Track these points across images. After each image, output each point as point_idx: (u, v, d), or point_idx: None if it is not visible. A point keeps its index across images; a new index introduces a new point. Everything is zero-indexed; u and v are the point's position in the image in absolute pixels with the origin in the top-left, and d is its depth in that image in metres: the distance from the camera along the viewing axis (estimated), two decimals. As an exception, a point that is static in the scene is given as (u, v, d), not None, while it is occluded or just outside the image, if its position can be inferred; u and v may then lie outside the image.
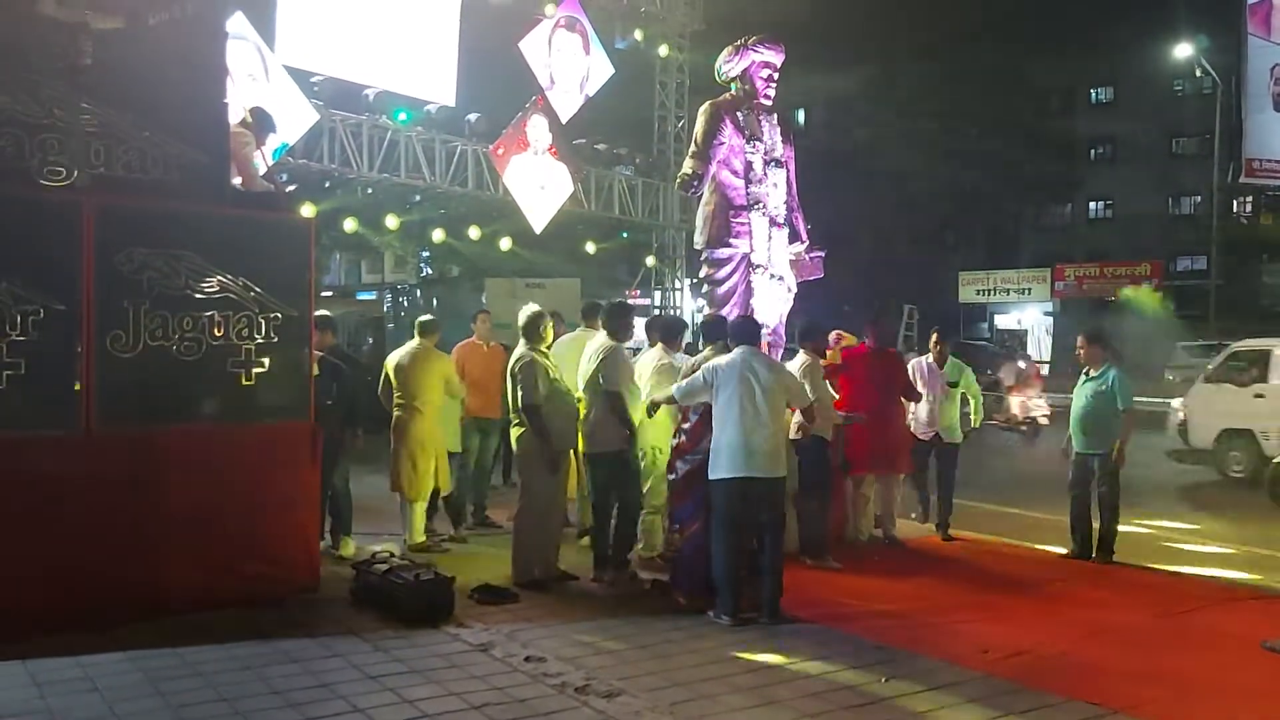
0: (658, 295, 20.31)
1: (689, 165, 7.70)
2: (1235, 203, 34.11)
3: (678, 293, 20.01)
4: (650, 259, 19.79)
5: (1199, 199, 35.71)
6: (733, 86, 7.94)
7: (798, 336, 7.53)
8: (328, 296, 28.02)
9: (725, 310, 7.63)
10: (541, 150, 15.55)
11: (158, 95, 5.66)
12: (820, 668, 4.90)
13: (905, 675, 4.80)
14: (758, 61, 7.85)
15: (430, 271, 29.22)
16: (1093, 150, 40.81)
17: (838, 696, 4.53)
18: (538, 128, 15.48)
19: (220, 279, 5.67)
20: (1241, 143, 23.87)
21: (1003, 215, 39.75)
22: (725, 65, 7.97)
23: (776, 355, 7.44)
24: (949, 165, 36.97)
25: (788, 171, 7.96)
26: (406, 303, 29.39)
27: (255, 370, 5.79)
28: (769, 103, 7.89)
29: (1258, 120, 23.51)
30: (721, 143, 7.61)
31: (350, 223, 15.63)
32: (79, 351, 5.29)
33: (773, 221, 7.76)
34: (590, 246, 19.21)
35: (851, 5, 32.22)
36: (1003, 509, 9.37)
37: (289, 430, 6.00)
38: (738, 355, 5.89)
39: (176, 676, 4.63)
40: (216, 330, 5.65)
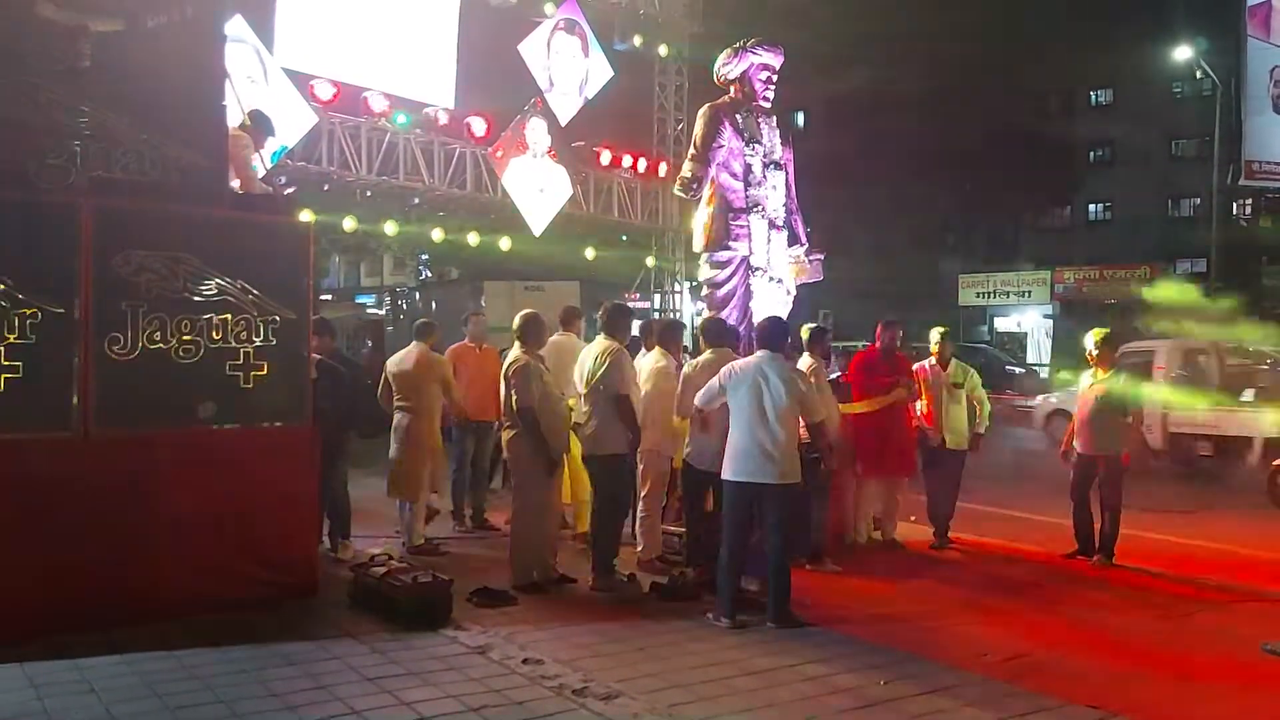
0: (657, 298, 20.30)
1: (688, 168, 7.71)
2: (1235, 205, 34.09)
3: (677, 295, 20.01)
4: (650, 259, 19.80)
5: (1198, 201, 35.68)
6: (731, 89, 7.95)
7: (804, 341, 7.52)
8: (326, 300, 28.11)
9: (724, 313, 7.63)
10: (541, 153, 15.57)
11: (156, 98, 5.67)
12: (819, 670, 4.90)
13: (904, 677, 4.80)
14: (756, 64, 7.86)
15: (429, 274, 29.26)
16: (1092, 153, 40.78)
17: (836, 699, 4.53)
18: (537, 130, 15.50)
19: (219, 282, 5.67)
20: (1241, 145, 23.86)
21: (1002, 218, 39.74)
22: (724, 68, 7.98)
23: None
24: (948, 168, 36.99)
25: (787, 174, 7.96)
26: (405, 306, 29.39)
27: (254, 373, 5.78)
28: (768, 105, 7.90)
29: (1257, 122, 23.50)
30: (720, 145, 7.62)
31: (349, 221, 15.62)
32: (77, 354, 5.29)
33: (772, 224, 7.76)
34: (589, 252, 19.23)
35: (850, 7, 32.25)
36: (1002, 511, 9.36)
37: (287, 433, 5.99)
38: (753, 359, 5.91)
39: (174, 679, 4.63)
40: (215, 333, 5.65)
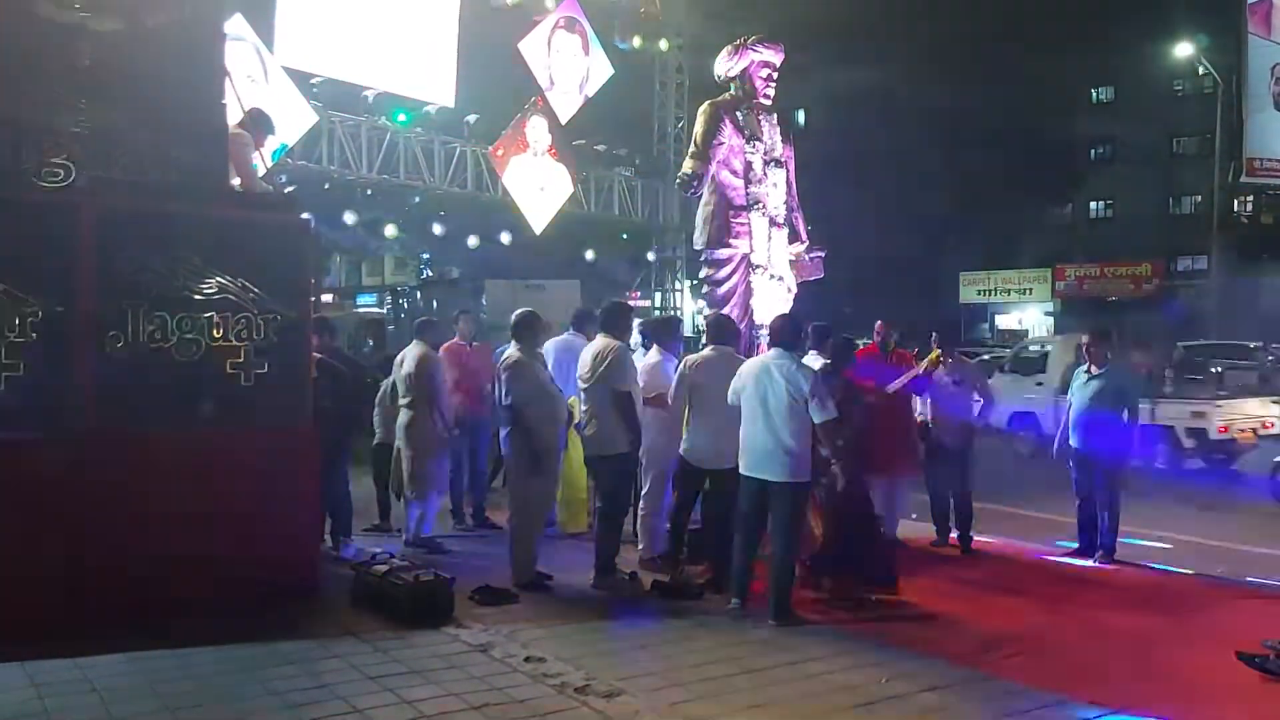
0: (658, 296, 20.31)
1: (689, 165, 7.71)
2: (1236, 202, 34.07)
3: (678, 293, 20.02)
4: (651, 254, 19.80)
5: (1199, 199, 35.67)
6: (732, 86, 7.94)
7: (810, 341, 7.52)
8: (327, 302, 28.11)
9: (725, 311, 7.63)
10: (541, 151, 15.57)
11: (156, 97, 5.67)
12: (820, 667, 4.89)
13: (905, 675, 4.79)
14: (757, 61, 7.85)
15: (430, 273, 29.26)
16: (1093, 150, 40.77)
17: (838, 696, 4.52)
18: (537, 129, 15.50)
19: (219, 280, 5.66)
20: (1242, 142, 23.85)
21: (1003, 215, 39.71)
22: (724, 65, 7.97)
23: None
24: (949, 165, 36.98)
25: (787, 171, 7.95)
26: (407, 305, 29.43)
27: (254, 372, 5.78)
28: (768, 102, 7.89)
29: (1258, 120, 23.49)
30: (721, 143, 7.61)
31: (350, 216, 15.63)
32: (77, 353, 5.29)
33: (772, 221, 7.75)
34: (590, 252, 19.25)
35: (852, 5, 32.23)
36: (1003, 509, 9.35)
37: (288, 432, 5.99)
38: (763, 356, 6.04)
39: (175, 678, 4.62)
40: (215, 331, 5.65)
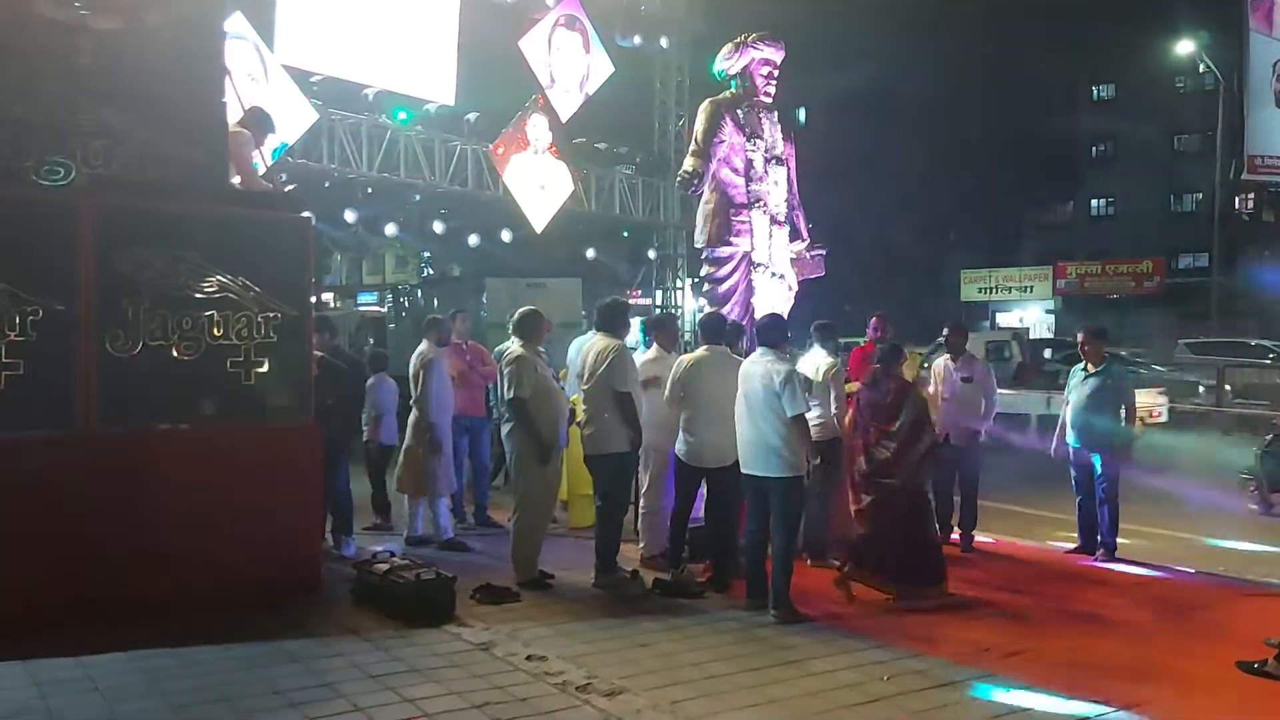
0: (659, 294, 20.30)
1: (689, 163, 7.71)
2: (1237, 200, 34.05)
3: (679, 292, 20.00)
4: (652, 252, 19.79)
5: (1201, 196, 35.69)
6: (733, 84, 7.94)
7: (814, 338, 7.50)
8: (328, 302, 28.11)
9: (726, 309, 7.63)
10: (541, 149, 15.55)
11: (156, 95, 5.67)
12: (821, 666, 4.89)
13: (906, 673, 4.79)
14: (757, 59, 7.85)
15: (431, 271, 29.26)
16: (1094, 148, 40.80)
17: (838, 695, 4.53)
18: (538, 127, 15.48)
19: (219, 278, 5.67)
20: (1243, 139, 23.80)
21: (1004, 213, 39.76)
22: (725, 63, 7.96)
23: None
24: (951, 163, 36.98)
25: (788, 169, 7.95)
26: (408, 303, 29.41)
27: (255, 370, 5.78)
28: (769, 100, 7.89)
29: (1260, 117, 23.43)
30: (722, 141, 7.61)
31: (350, 215, 15.62)
32: (78, 351, 5.29)
33: (773, 219, 7.76)
34: (590, 250, 19.23)
35: (853, 4, 32.21)
36: (1003, 506, 9.34)
37: (289, 430, 5.99)
38: (751, 355, 6.11)
39: (177, 676, 4.63)
40: (216, 330, 5.65)
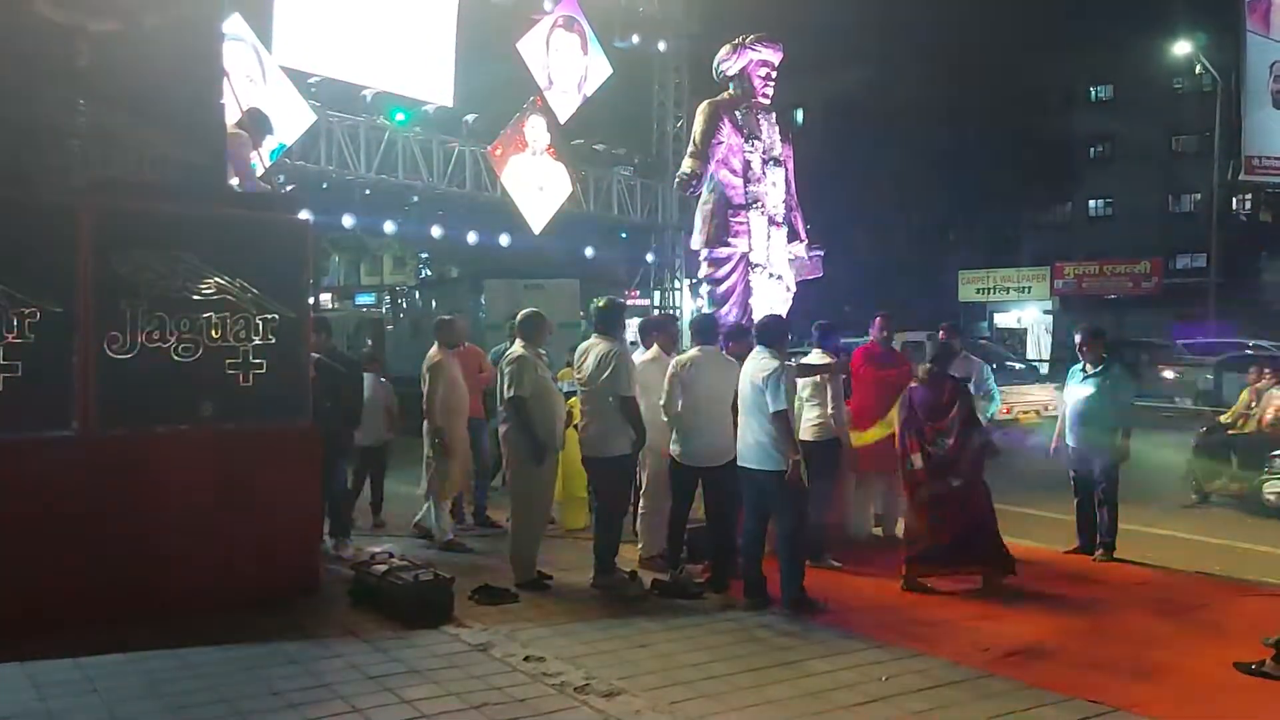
0: (657, 295, 20.29)
1: (687, 165, 7.70)
2: (1235, 200, 34.09)
3: (677, 293, 20.00)
4: (651, 256, 19.80)
5: (1199, 197, 35.69)
6: (731, 85, 7.94)
7: (815, 338, 7.50)
8: (330, 308, 28.07)
9: (724, 310, 7.63)
10: (540, 151, 15.56)
11: (155, 97, 5.67)
12: (820, 666, 4.89)
13: (905, 673, 4.80)
14: (755, 60, 7.85)
15: (429, 273, 29.28)
16: (1092, 148, 40.80)
17: (837, 695, 4.53)
18: (536, 128, 15.49)
19: (218, 280, 5.66)
20: (1241, 140, 23.84)
21: (1002, 214, 39.77)
22: (723, 64, 7.96)
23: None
24: (948, 164, 36.98)
25: (786, 170, 7.95)
26: (406, 304, 29.44)
27: (253, 371, 5.78)
28: (767, 101, 7.89)
29: (1257, 118, 23.47)
30: (720, 142, 7.61)
31: (347, 219, 15.63)
32: (76, 353, 5.29)
33: (771, 220, 7.75)
34: (589, 249, 19.23)
35: (851, 4, 32.24)
36: (1001, 507, 9.32)
37: (287, 431, 5.99)
38: (751, 354, 6.23)
39: (176, 678, 4.63)
40: (214, 331, 5.65)
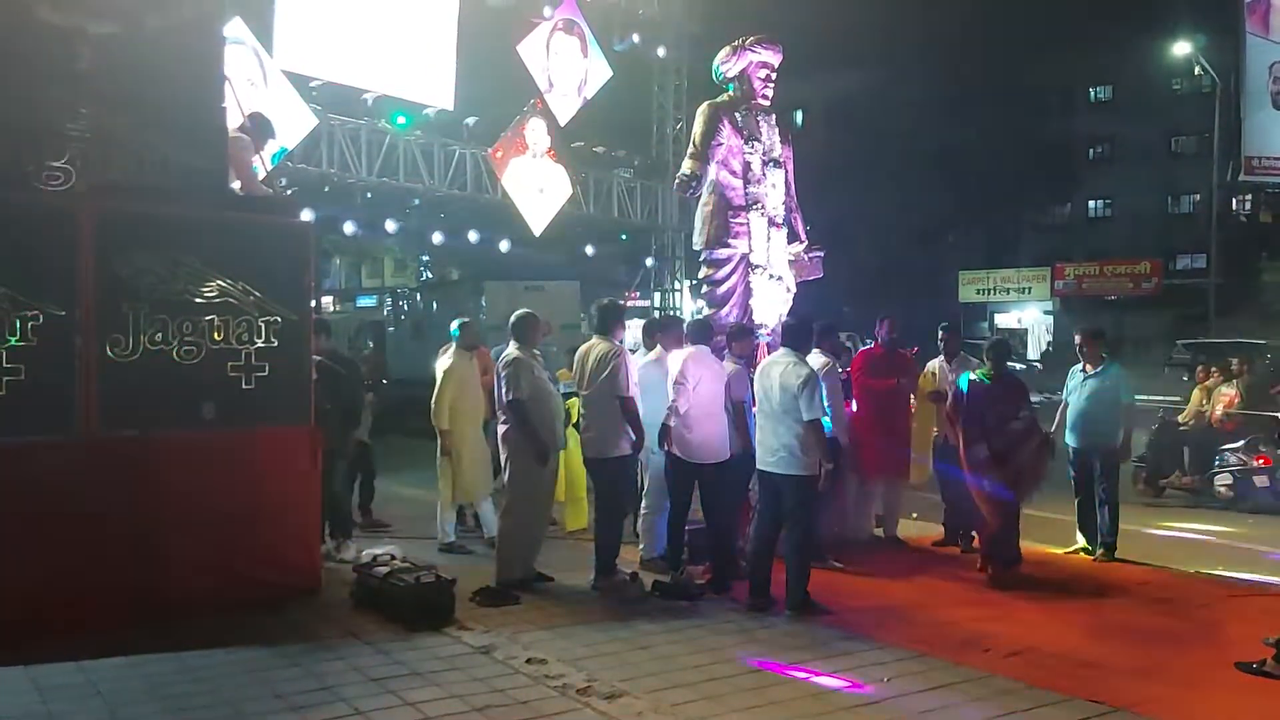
0: (657, 297, 20.30)
1: (687, 166, 7.71)
2: (1235, 201, 34.11)
3: (677, 294, 20.01)
4: (650, 260, 19.81)
5: (1198, 197, 35.71)
6: (730, 87, 7.95)
7: (815, 337, 7.51)
8: (331, 311, 28.06)
9: (725, 311, 7.64)
10: (540, 153, 15.57)
11: (156, 100, 5.67)
12: (822, 667, 4.90)
13: (907, 674, 4.80)
14: (755, 62, 7.85)
15: (430, 275, 29.28)
16: (1092, 149, 40.84)
17: (839, 696, 4.53)
18: (536, 131, 15.50)
19: (219, 283, 5.68)
20: (1240, 141, 23.85)
21: (1002, 215, 39.79)
22: (723, 66, 7.97)
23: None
24: (949, 165, 37.01)
25: (786, 172, 7.96)
26: (407, 307, 29.45)
27: (255, 374, 5.79)
28: (767, 103, 7.90)
29: (1256, 118, 23.48)
30: (720, 143, 7.61)
31: (348, 225, 15.66)
32: (78, 357, 5.29)
33: (771, 222, 7.76)
34: (589, 249, 19.24)
35: (850, 6, 32.25)
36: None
37: (289, 434, 6.00)
38: (771, 356, 6.36)
39: (179, 681, 4.63)
40: (216, 334, 5.66)
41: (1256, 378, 11.90)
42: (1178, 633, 5.70)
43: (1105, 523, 7.43)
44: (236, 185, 6.38)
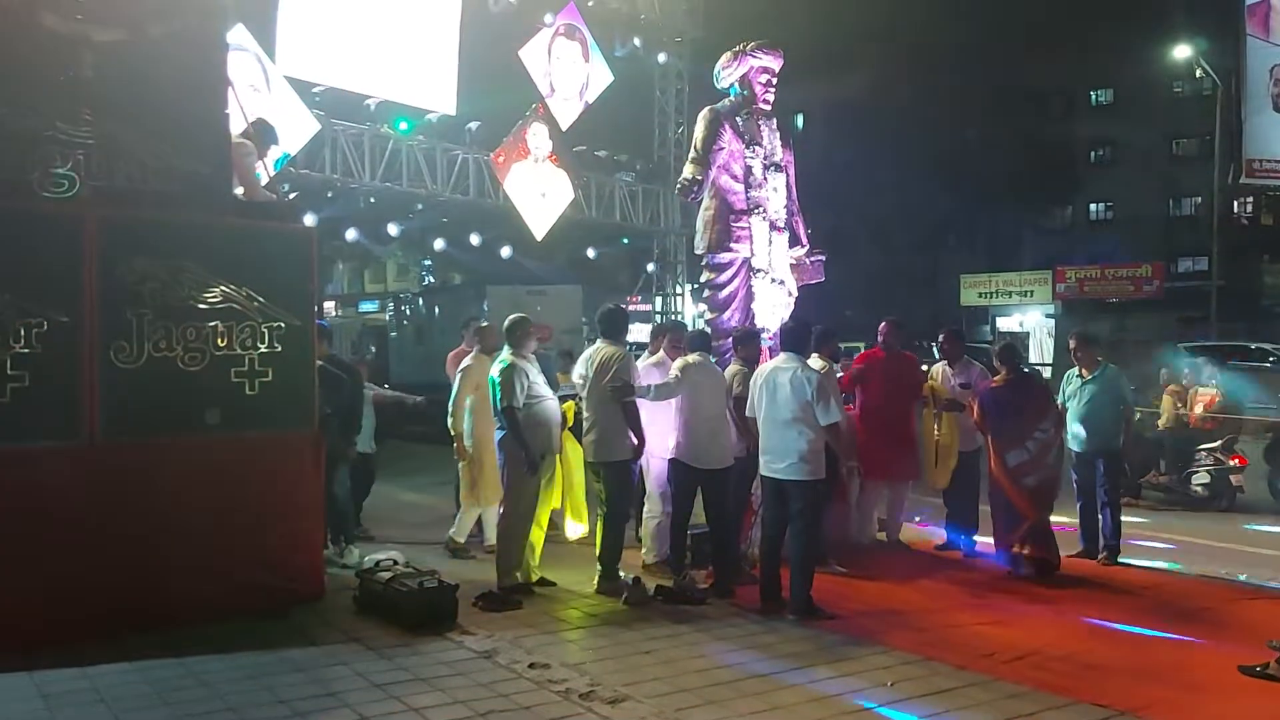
0: (659, 301, 20.32)
1: (689, 171, 7.72)
2: (1236, 203, 34.07)
3: (678, 298, 20.03)
4: (652, 265, 19.84)
5: (1199, 200, 35.70)
6: (732, 92, 7.96)
7: (813, 341, 7.53)
8: (333, 315, 28.05)
9: (726, 315, 7.65)
10: (542, 158, 15.61)
11: (160, 107, 5.69)
12: (825, 672, 4.90)
13: (910, 679, 4.80)
14: (756, 67, 7.87)
15: (432, 280, 29.29)
16: (1093, 152, 40.81)
17: (842, 701, 4.53)
18: (538, 135, 15.54)
19: (223, 289, 5.69)
20: (1241, 143, 23.84)
21: (1004, 218, 39.78)
22: (724, 71, 7.99)
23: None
24: (950, 168, 37.02)
25: (787, 176, 7.97)
26: (409, 311, 29.49)
27: (259, 380, 5.80)
28: (768, 108, 7.91)
29: (1257, 121, 23.46)
30: (721, 148, 7.63)
31: (351, 232, 15.70)
32: (83, 363, 5.31)
33: (773, 226, 7.77)
34: (591, 252, 19.27)
35: (851, 10, 32.30)
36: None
37: (292, 439, 6.00)
38: (773, 360, 6.36)
39: (183, 686, 4.64)
40: (220, 340, 5.67)
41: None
42: (1181, 636, 5.69)
43: (1109, 525, 7.43)
44: (240, 191, 6.39)
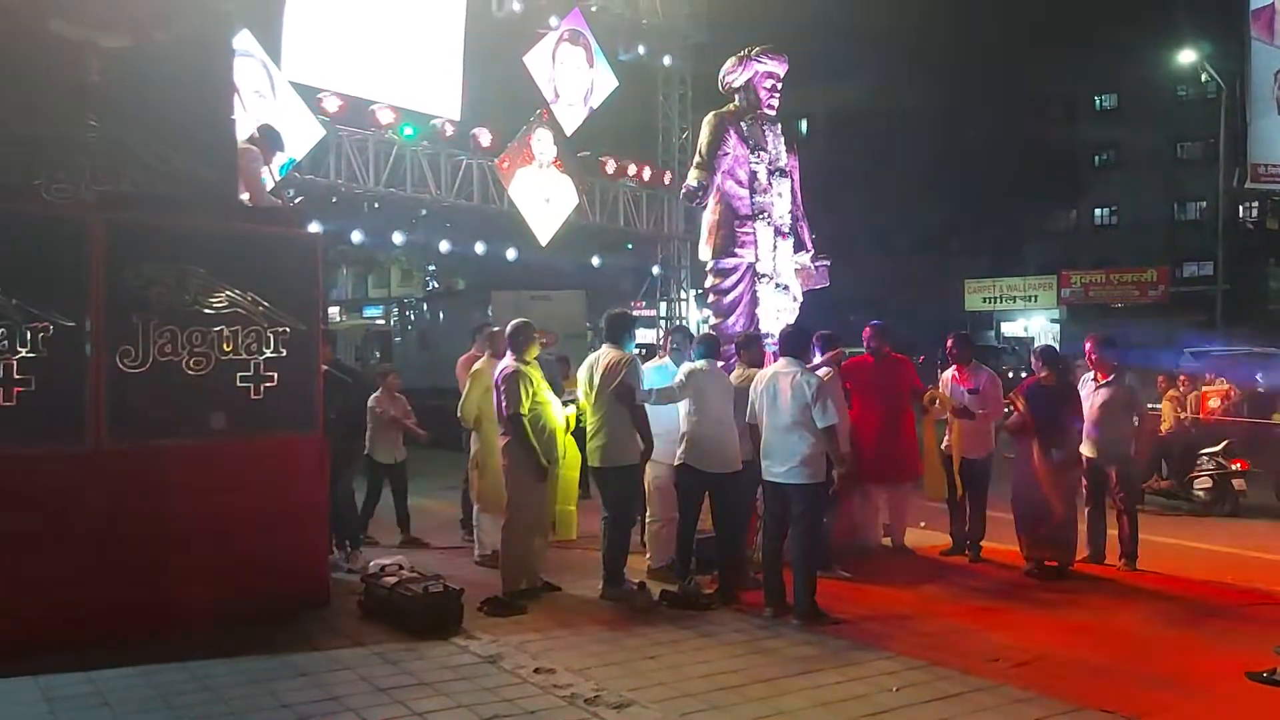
0: (663, 306, 20.32)
1: (694, 176, 7.74)
2: (1241, 207, 34.02)
3: (683, 303, 20.03)
4: (656, 269, 19.84)
5: (1204, 204, 35.68)
6: (736, 97, 7.98)
7: (817, 347, 7.52)
8: (337, 321, 28.06)
9: (731, 320, 7.65)
10: (546, 163, 15.63)
11: (166, 112, 5.71)
12: (830, 677, 4.89)
13: (915, 684, 4.79)
14: (761, 72, 7.88)
15: (436, 285, 29.34)
16: (1097, 157, 40.80)
17: (848, 706, 4.52)
18: (542, 141, 15.57)
19: (229, 294, 5.70)
20: (1246, 148, 23.81)
21: (1008, 223, 39.77)
22: (729, 76, 8.00)
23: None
24: (954, 173, 37.03)
25: (792, 181, 7.98)
26: (413, 316, 29.54)
27: (264, 384, 5.81)
28: (772, 113, 7.93)
29: (1262, 125, 23.43)
30: (726, 153, 7.64)
31: (356, 235, 15.74)
32: (88, 367, 5.32)
33: (778, 231, 7.78)
34: (596, 258, 19.28)
35: (855, 15, 32.35)
36: (1009, 516, 9.31)
37: (297, 444, 6.01)
38: (773, 365, 6.36)
39: (187, 691, 4.64)
40: (225, 345, 5.68)
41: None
42: (1188, 641, 5.68)
43: (1124, 532, 7.40)
44: (245, 196, 6.41)
